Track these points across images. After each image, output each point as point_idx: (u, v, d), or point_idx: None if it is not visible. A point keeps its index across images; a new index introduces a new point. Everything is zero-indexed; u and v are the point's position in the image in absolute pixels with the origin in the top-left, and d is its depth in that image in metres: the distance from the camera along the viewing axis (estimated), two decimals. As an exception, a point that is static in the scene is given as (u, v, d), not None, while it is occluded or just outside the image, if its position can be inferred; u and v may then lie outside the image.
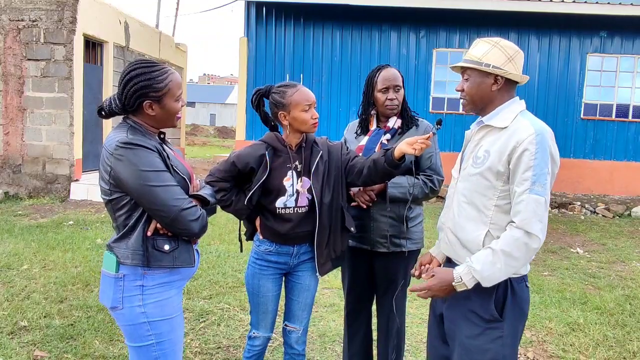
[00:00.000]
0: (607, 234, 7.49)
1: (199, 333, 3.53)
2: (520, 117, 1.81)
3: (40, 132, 8.75)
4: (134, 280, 1.83)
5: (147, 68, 1.85)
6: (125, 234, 1.82)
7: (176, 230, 1.81)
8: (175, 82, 1.88)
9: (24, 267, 4.80)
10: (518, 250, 1.69)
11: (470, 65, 1.83)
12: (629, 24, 10.14)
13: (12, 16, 8.62)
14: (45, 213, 7.52)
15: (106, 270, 1.87)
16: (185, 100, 1.94)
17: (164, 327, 1.87)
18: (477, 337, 1.81)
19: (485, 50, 1.82)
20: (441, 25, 10.55)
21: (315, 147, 2.35)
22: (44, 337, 3.35)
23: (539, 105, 10.44)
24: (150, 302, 1.84)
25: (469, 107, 1.91)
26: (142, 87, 1.83)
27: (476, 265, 1.72)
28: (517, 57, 1.83)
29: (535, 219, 1.69)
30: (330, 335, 3.57)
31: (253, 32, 10.75)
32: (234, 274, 4.77)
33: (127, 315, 1.85)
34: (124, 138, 1.78)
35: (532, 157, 1.70)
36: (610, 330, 3.79)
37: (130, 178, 1.74)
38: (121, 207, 1.82)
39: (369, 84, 2.59)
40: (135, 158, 1.75)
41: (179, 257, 1.86)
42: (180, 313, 1.96)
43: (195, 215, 1.81)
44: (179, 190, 1.81)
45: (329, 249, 2.36)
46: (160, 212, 1.76)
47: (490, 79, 1.82)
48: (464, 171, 1.92)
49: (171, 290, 1.90)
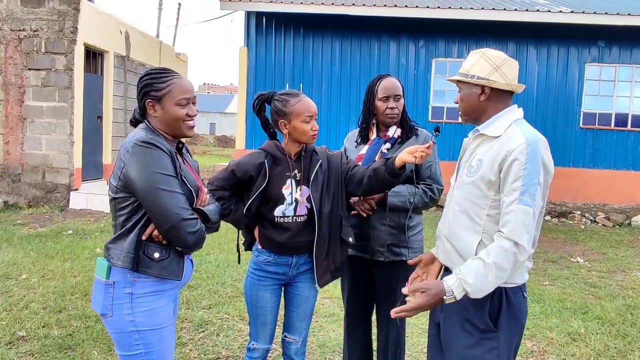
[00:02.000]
0: (607, 243, 7.48)
1: (198, 343, 3.51)
2: (514, 125, 1.80)
3: (40, 141, 8.76)
4: (123, 287, 1.82)
5: (155, 71, 1.92)
6: (121, 235, 1.83)
7: (171, 238, 1.81)
8: (177, 85, 1.89)
9: (23, 276, 4.78)
10: (507, 261, 1.68)
11: (459, 78, 1.88)
12: (627, 34, 10.20)
13: (13, 26, 8.66)
14: (44, 222, 7.51)
15: (97, 277, 1.87)
16: (195, 110, 1.94)
17: (152, 337, 1.85)
18: (472, 347, 1.80)
19: (473, 62, 1.85)
20: (440, 35, 10.60)
21: (314, 156, 2.35)
22: (42, 348, 3.33)
23: (538, 114, 10.47)
24: (140, 310, 1.83)
25: (463, 118, 1.95)
26: (145, 85, 1.89)
27: (468, 278, 1.69)
28: (504, 66, 1.82)
29: (524, 230, 1.68)
30: (330, 345, 3.54)
31: (253, 42, 10.79)
32: (233, 283, 4.75)
33: (116, 323, 1.84)
34: (143, 137, 1.80)
35: (522, 167, 1.69)
36: (611, 341, 3.77)
37: (140, 177, 1.75)
38: (123, 207, 1.83)
39: (370, 93, 2.60)
40: (150, 158, 1.76)
41: (166, 267, 1.85)
42: (171, 323, 1.93)
43: (193, 227, 1.80)
44: (183, 199, 1.81)
45: (329, 260, 2.34)
46: (160, 216, 1.76)
47: (477, 89, 1.85)
48: (459, 179, 1.92)
49: (161, 300, 1.88)
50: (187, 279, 2.01)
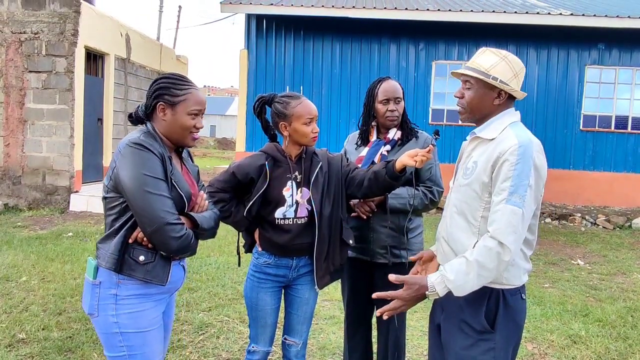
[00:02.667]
0: (607, 245, 7.47)
1: (198, 345, 3.51)
2: (509, 128, 1.79)
3: (41, 144, 8.77)
4: (108, 288, 1.83)
5: (174, 76, 1.93)
6: (109, 235, 1.84)
7: (155, 242, 1.80)
8: (194, 96, 1.89)
9: (23, 278, 4.78)
10: (491, 261, 1.68)
11: (477, 75, 1.79)
12: (627, 37, 10.21)
13: (14, 29, 8.68)
14: (44, 225, 7.51)
15: (87, 276, 1.90)
16: (202, 123, 1.95)
17: (136, 340, 1.85)
18: (469, 348, 1.80)
19: (494, 63, 1.79)
20: (440, 37, 10.62)
21: (315, 158, 2.35)
22: (42, 350, 3.32)
23: (538, 117, 10.46)
24: (124, 312, 1.83)
25: (465, 115, 1.89)
26: (162, 87, 1.89)
27: (450, 275, 1.71)
28: (521, 74, 1.82)
29: (509, 229, 1.67)
30: (330, 348, 3.54)
31: (253, 45, 10.81)
32: (233, 285, 4.75)
33: (101, 323, 1.86)
34: (135, 139, 1.81)
35: (512, 167, 1.69)
36: (612, 343, 3.76)
37: (129, 178, 1.75)
38: (113, 207, 1.84)
39: (370, 96, 2.60)
40: (140, 159, 1.77)
41: (151, 272, 1.84)
42: (157, 327, 1.92)
43: (177, 232, 1.78)
44: (170, 203, 1.80)
45: (328, 262, 2.34)
46: (145, 219, 1.75)
47: (494, 92, 1.80)
48: (456, 182, 1.93)
49: (146, 303, 1.87)
50: (177, 284, 2.00)
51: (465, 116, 1.89)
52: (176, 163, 1.95)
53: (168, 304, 2.03)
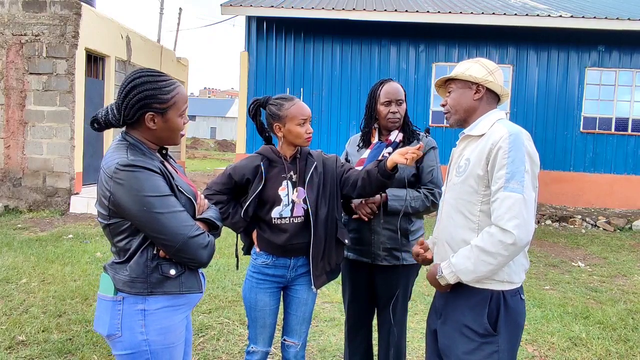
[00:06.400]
0: (608, 247, 7.47)
1: (198, 348, 3.50)
2: (497, 123, 1.87)
3: (41, 146, 8.77)
4: (134, 303, 1.66)
5: (153, 77, 1.69)
6: (126, 260, 1.67)
7: (182, 260, 1.68)
8: (182, 95, 1.73)
9: (23, 280, 4.78)
10: (492, 245, 1.71)
11: (453, 76, 1.95)
12: (627, 39, 10.22)
13: (14, 31, 8.69)
14: (44, 226, 7.51)
15: (103, 294, 1.70)
16: (187, 118, 1.82)
17: (163, 357, 1.70)
18: (473, 352, 1.80)
19: (467, 67, 1.94)
20: (440, 39, 10.63)
21: (309, 159, 2.39)
22: (42, 352, 3.32)
23: (539, 119, 10.47)
24: (153, 328, 1.66)
25: (452, 118, 1.99)
26: (146, 96, 1.65)
27: (453, 259, 1.80)
28: (497, 73, 1.93)
29: (510, 215, 1.68)
30: (330, 350, 3.53)
31: (254, 47, 10.82)
32: (233, 287, 4.75)
33: (126, 343, 1.65)
34: (124, 160, 1.61)
35: (505, 155, 1.73)
36: (613, 345, 3.76)
37: (133, 204, 1.59)
38: (120, 232, 1.67)
39: (372, 97, 2.61)
40: (138, 182, 1.59)
41: (185, 283, 1.72)
42: (182, 342, 1.79)
43: (204, 242, 1.68)
44: (185, 216, 1.67)
45: (324, 262, 2.36)
46: (165, 240, 1.62)
47: (473, 89, 1.92)
48: (449, 182, 1.97)
49: (175, 316, 1.72)
50: (202, 293, 1.87)
51: (453, 119, 1.99)
52: (168, 166, 1.79)
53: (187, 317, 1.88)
